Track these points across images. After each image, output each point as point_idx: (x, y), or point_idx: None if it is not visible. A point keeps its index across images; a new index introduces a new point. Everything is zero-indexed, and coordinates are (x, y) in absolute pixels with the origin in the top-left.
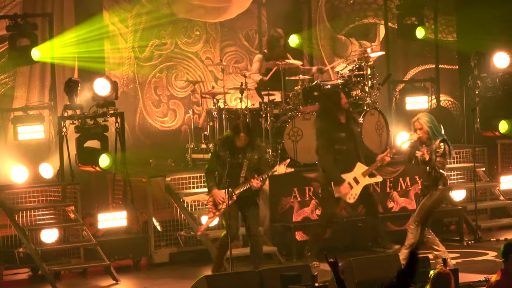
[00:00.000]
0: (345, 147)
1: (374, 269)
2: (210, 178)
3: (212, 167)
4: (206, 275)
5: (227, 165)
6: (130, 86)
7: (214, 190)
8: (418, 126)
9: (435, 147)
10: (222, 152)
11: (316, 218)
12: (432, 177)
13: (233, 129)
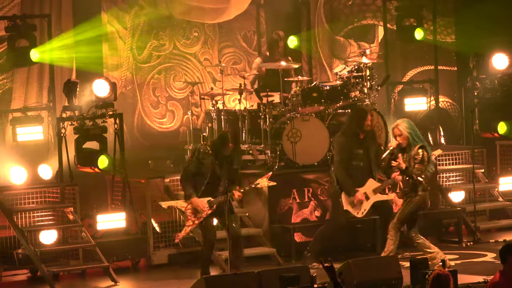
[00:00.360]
0: (361, 163)
1: (373, 270)
2: (189, 185)
3: (191, 173)
4: (205, 276)
5: (208, 174)
6: (129, 87)
7: (194, 198)
8: (397, 132)
9: (413, 154)
10: (205, 159)
11: (315, 220)
12: (411, 183)
13: (221, 139)
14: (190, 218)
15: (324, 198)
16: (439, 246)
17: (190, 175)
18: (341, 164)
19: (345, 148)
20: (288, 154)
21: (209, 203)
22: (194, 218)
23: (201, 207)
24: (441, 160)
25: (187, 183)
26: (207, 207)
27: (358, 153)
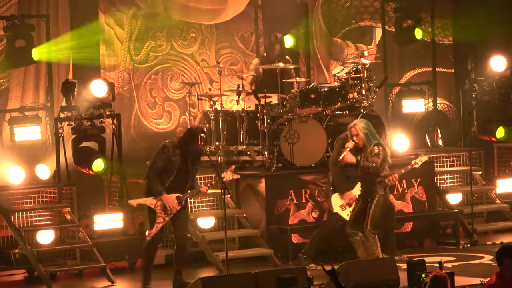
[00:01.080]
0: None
1: (370, 272)
2: (157, 181)
3: (158, 169)
4: (202, 277)
5: (174, 170)
6: (126, 87)
7: (164, 195)
8: (354, 132)
9: (369, 151)
10: (173, 156)
11: (313, 221)
12: (370, 183)
13: (190, 135)
14: (161, 215)
15: (321, 200)
16: (436, 248)
17: (158, 172)
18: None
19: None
20: (285, 155)
21: (178, 199)
22: (164, 215)
23: (170, 203)
24: (438, 162)
25: (156, 179)
26: (177, 203)
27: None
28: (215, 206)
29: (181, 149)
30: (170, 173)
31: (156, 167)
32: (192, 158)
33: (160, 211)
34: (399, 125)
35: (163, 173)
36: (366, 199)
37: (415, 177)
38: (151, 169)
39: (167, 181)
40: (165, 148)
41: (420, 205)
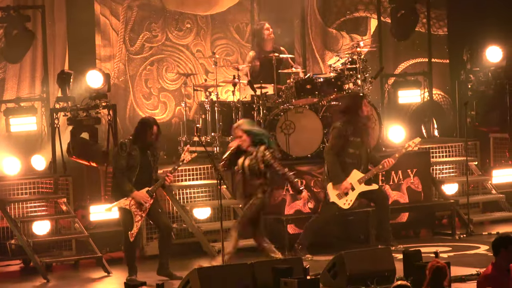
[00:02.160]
0: (358, 152)
1: (366, 262)
2: (125, 180)
3: (123, 168)
4: (198, 267)
5: (138, 164)
6: (121, 78)
7: (134, 192)
8: (238, 133)
9: (259, 154)
10: (133, 151)
11: (309, 211)
12: (252, 185)
13: (144, 124)
14: (137, 213)
15: (317, 190)
16: (432, 239)
17: (123, 170)
18: (333, 149)
19: (342, 134)
20: (281, 146)
21: (149, 193)
22: (140, 212)
23: (143, 198)
24: (434, 152)
25: (123, 178)
26: (148, 197)
27: (355, 141)
28: (211, 196)
29: (137, 143)
30: (134, 168)
31: (121, 166)
32: (151, 150)
33: (136, 209)
34: (394, 115)
35: (128, 170)
36: (247, 201)
37: (411, 168)
38: (116, 169)
39: (134, 177)
40: (122, 145)
41: (416, 196)
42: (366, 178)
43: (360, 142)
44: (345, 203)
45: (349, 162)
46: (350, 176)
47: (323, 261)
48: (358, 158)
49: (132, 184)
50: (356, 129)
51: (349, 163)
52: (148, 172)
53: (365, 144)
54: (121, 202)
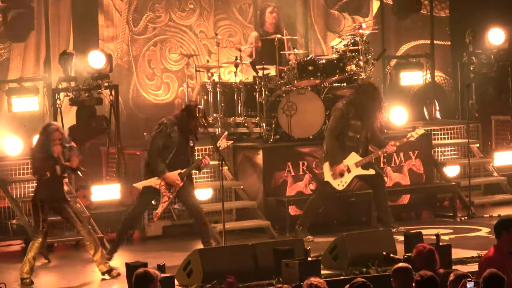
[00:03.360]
0: (358, 135)
1: (367, 244)
2: (159, 161)
3: (159, 148)
4: (199, 248)
5: (174, 147)
6: (124, 59)
7: (166, 173)
8: (58, 136)
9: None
10: (172, 133)
11: (310, 193)
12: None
13: (189, 111)
14: (165, 194)
15: (319, 172)
16: (434, 221)
17: (159, 150)
18: (334, 131)
19: (344, 116)
20: (283, 127)
21: (180, 175)
22: (169, 193)
23: (174, 181)
24: (436, 134)
25: (157, 159)
26: (179, 180)
27: (356, 125)
28: (213, 177)
29: (179, 126)
30: (170, 149)
31: (157, 146)
32: (191, 134)
33: (165, 190)
34: (396, 97)
35: (163, 151)
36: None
37: (413, 150)
38: (152, 149)
39: (167, 158)
40: (163, 125)
41: (417, 178)
42: (364, 162)
43: (360, 126)
44: (339, 184)
45: (348, 145)
46: (347, 158)
47: (324, 242)
48: (357, 142)
49: (166, 165)
50: (357, 112)
51: (349, 146)
52: (185, 154)
53: (365, 128)
54: (152, 180)
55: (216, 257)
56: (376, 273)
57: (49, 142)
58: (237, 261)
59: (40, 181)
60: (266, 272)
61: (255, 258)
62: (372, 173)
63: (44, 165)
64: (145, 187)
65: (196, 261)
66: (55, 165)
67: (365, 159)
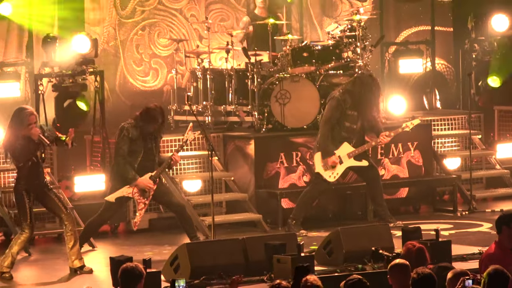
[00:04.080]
0: (355, 126)
1: (363, 239)
2: (128, 167)
3: (125, 153)
4: (187, 242)
5: (141, 150)
6: (111, 43)
7: (138, 179)
8: (34, 120)
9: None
10: (135, 136)
11: (304, 185)
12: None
13: (147, 116)
14: (140, 200)
15: (313, 163)
16: (433, 215)
17: (125, 156)
18: (330, 121)
19: (340, 106)
20: (276, 116)
21: (152, 178)
22: (144, 200)
23: (147, 185)
24: (436, 125)
25: (126, 165)
26: (152, 183)
27: (353, 115)
28: (202, 168)
29: (140, 129)
30: (137, 153)
31: (122, 151)
32: (153, 135)
33: (139, 197)
34: (395, 86)
35: (130, 156)
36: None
37: (412, 141)
38: (118, 155)
39: (136, 163)
40: (124, 130)
41: (416, 170)
42: (356, 153)
43: (356, 116)
44: (330, 176)
45: (343, 135)
46: (339, 148)
47: (318, 237)
48: (353, 132)
49: (135, 170)
50: (354, 102)
51: (343, 137)
52: (151, 156)
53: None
54: (123, 190)
55: (205, 252)
56: (373, 269)
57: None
58: (226, 256)
59: (22, 169)
60: (257, 268)
61: (246, 253)
62: (365, 164)
63: (24, 152)
64: (118, 198)
65: (183, 255)
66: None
67: (357, 150)
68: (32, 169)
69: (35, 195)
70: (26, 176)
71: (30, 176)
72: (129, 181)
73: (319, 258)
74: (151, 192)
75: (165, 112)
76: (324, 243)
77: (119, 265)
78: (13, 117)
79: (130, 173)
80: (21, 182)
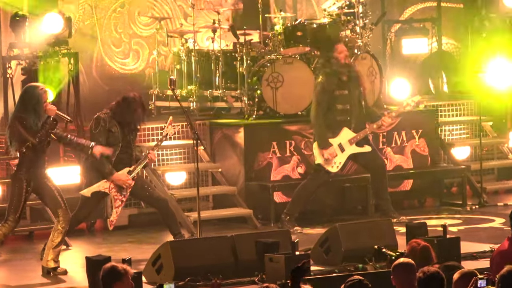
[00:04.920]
0: (348, 106)
1: (363, 236)
2: (105, 160)
3: (102, 145)
4: (171, 240)
5: (119, 142)
6: (87, 22)
7: (115, 174)
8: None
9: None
10: (113, 127)
11: (298, 177)
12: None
13: (129, 105)
14: (117, 197)
15: (308, 153)
16: (440, 209)
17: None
18: (320, 107)
19: (326, 89)
20: (268, 101)
21: (130, 173)
22: (121, 196)
23: (125, 182)
24: (443, 110)
25: (102, 160)
26: (130, 179)
27: (343, 95)
28: (186, 159)
29: (118, 119)
30: (115, 146)
31: (99, 142)
32: (132, 126)
33: (116, 193)
34: (398, 68)
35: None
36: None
37: (416, 128)
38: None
39: (113, 156)
40: (101, 120)
41: (421, 160)
42: (358, 138)
43: (348, 95)
44: (332, 166)
45: (340, 119)
46: (339, 135)
47: (314, 234)
48: (349, 114)
49: (112, 164)
50: (341, 81)
51: (340, 121)
52: (131, 148)
53: (355, 97)
54: (100, 185)
55: (190, 251)
56: (374, 269)
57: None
58: (214, 255)
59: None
60: (247, 268)
61: (235, 252)
62: (368, 150)
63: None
64: (94, 193)
65: (167, 255)
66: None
67: (359, 135)
68: (36, 156)
69: (34, 186)
70: (28, 163)
71: (32, 164)
72: (106, 176)
73: (316, 257)
74: (129, 189)
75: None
76: (321, 240)
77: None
78: (24, 95)
79: (107, 167)
80: (23, 170)
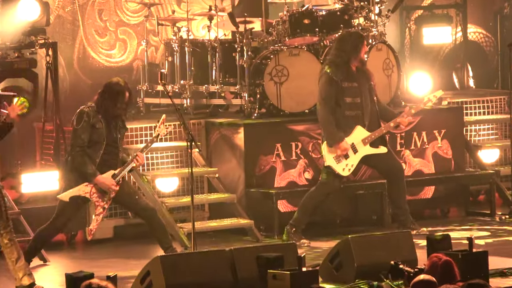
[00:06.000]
0: (359, 99)
1: (379, 250)
2: (86, 160)
3: (84, 144)
4: (161, 255)
5: (103, 140)
6: (68, 8)
7: (98, 176)
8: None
9: None
10: (97, 123)
11: (305, 183)
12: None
13: (114, 91)
14: (99, 204)
15: (316, 156)
16: (466, 219)
17: (85, 147)
18: (328, 101)
19: (333, 81)
20: (271, 98)
21: (114, 177)
22: (103, 203)
23: (109, 186)
24: (469, 108)
25: (84, 158)
26: (115, 183)
27: (352, 87)
28: (179, 163)
29: (103, 113)
30: (99, 144)
31: (81, 141)
32: (118, 122)
33: (97, 198)
34: (418, 60)
35: (90, 148)
36: None
37: (439, 128)
38: (75, 145)
39: (97, 156)
40: (84, 114)
41: (444, 164)
42: (374, 137)
43: (357, 88)
44: (344, 169)
45: (349, 115)
46: (352, 134)
47: (323, 248)
48: (360, 109)
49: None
50: (350, 72)
51: (350, 117)
52: (115, 149)
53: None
54: (80, 188)
55: (183, 267)
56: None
57: None
58: (210, 271)
59: None
60: (248, 286)
61: (233, 268)
62: (384, 151)
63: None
64: (73, 198)
65: (157, 271)
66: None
67: (374, 134)
68: None
69: None
70: None
71: None
72: (87, 177)
73: (325, 273)
74: (113, 194)
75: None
76: (331, 255)
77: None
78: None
79: (90, 168)
80: None
